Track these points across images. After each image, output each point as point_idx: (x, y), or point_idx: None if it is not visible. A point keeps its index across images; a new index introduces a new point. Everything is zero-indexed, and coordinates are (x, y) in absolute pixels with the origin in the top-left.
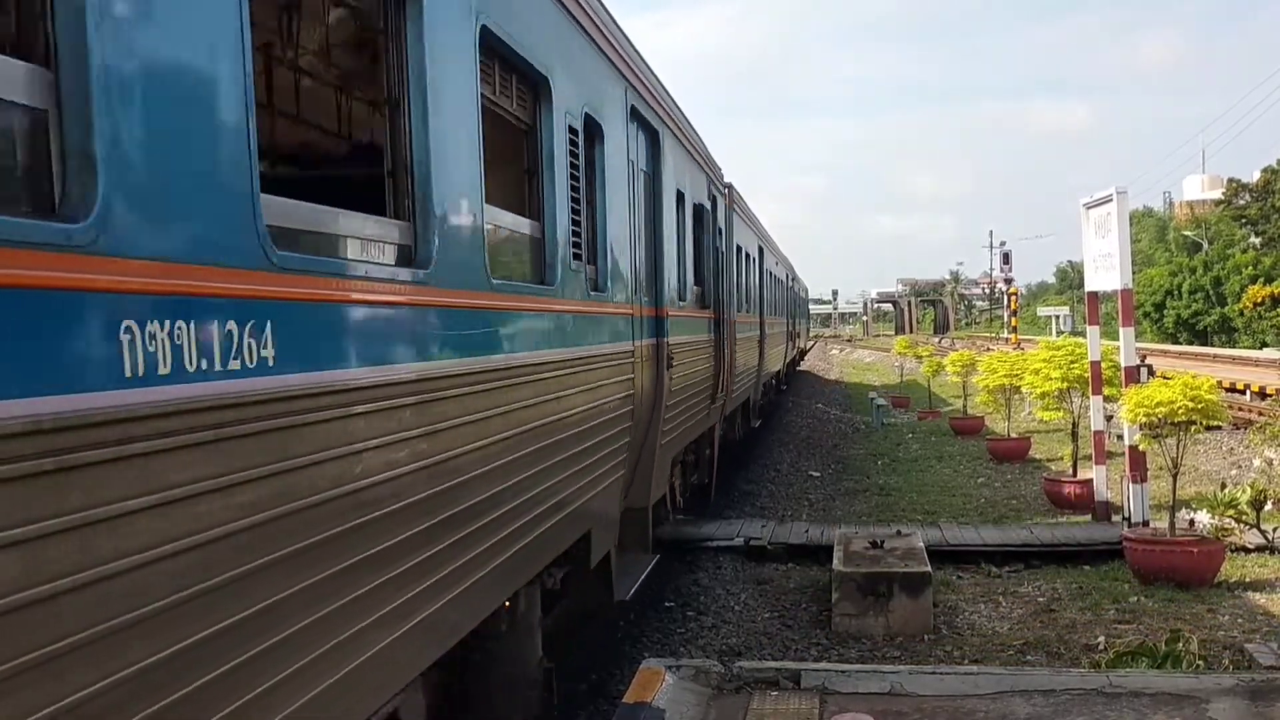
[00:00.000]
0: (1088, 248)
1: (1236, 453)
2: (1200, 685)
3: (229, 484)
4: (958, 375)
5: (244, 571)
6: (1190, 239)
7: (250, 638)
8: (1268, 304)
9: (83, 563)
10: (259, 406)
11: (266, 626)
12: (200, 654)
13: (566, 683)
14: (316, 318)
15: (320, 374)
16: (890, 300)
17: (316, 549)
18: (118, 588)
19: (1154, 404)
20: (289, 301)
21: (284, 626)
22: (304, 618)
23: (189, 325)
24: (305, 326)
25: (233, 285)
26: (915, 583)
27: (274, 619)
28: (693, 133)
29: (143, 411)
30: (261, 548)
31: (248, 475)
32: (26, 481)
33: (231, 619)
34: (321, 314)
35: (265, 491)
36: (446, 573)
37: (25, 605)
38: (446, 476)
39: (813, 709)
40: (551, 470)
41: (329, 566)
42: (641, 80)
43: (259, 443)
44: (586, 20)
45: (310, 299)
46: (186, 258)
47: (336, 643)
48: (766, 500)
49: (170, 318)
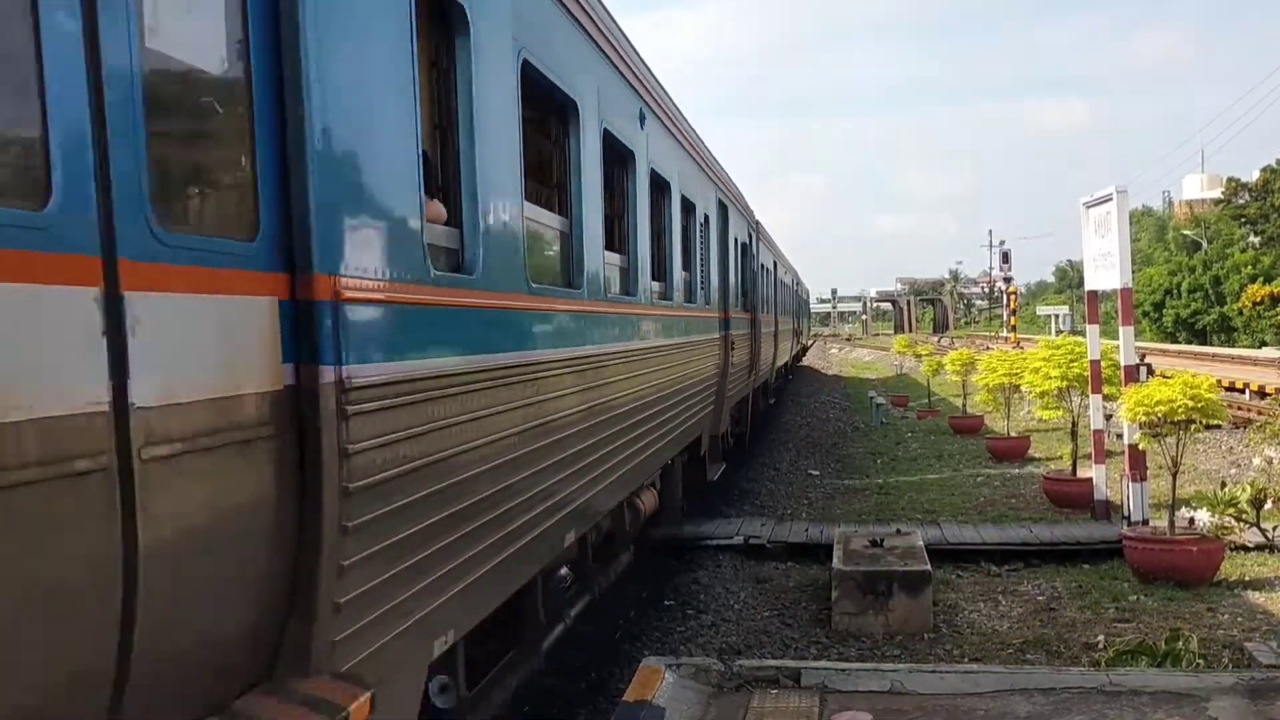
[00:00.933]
0: (1087, 247)
1: (1236, 452)
2: (1200, 684)
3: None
4: (957, 374)
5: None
6: (1189, 238)
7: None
8: (1267, 303)
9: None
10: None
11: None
12: (593, 456)
13: (566, 682)
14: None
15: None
16: (889, 299)
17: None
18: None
19: (1153, 403)
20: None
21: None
22: (603, 458)
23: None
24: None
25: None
26: (915, 581)
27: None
28: (740, 196)
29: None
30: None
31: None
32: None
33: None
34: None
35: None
36: (663, 444)
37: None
38: (664, 400)
39: (813, 707)
40: (690, 399)
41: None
42: (725, 185)
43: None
44: (695, 153)
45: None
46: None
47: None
48: (766, 499)
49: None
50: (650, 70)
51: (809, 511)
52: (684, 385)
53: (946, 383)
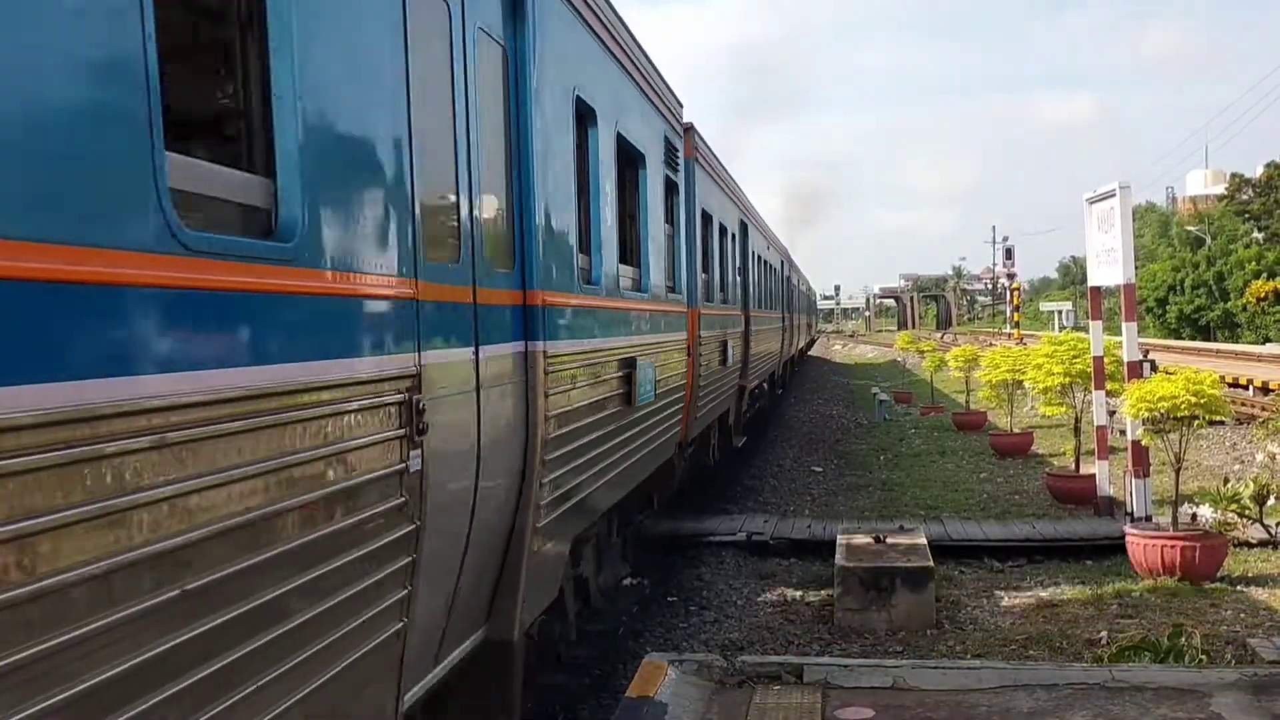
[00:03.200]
0: (1091, 243)
1: (1239, 448)
2: (1203, 680)
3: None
4: (960, 371)
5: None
6: (1193, 234)
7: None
8: (1271, 299)
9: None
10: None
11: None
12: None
13: (568, 678)
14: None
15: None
16: (893, 295)
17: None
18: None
19: (1157, 399)
20: None
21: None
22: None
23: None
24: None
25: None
26: (918, 578)
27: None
28: (763, 221)
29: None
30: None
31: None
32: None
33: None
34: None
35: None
36: (711, 405)
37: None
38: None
39: (815, 703)
40: (727, 375)
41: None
42: (751, 213)
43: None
44: (728, 188)
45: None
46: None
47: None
48: (769, 495)
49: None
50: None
51: (812, 508)
52: (723, 363)
53: (949, 379)
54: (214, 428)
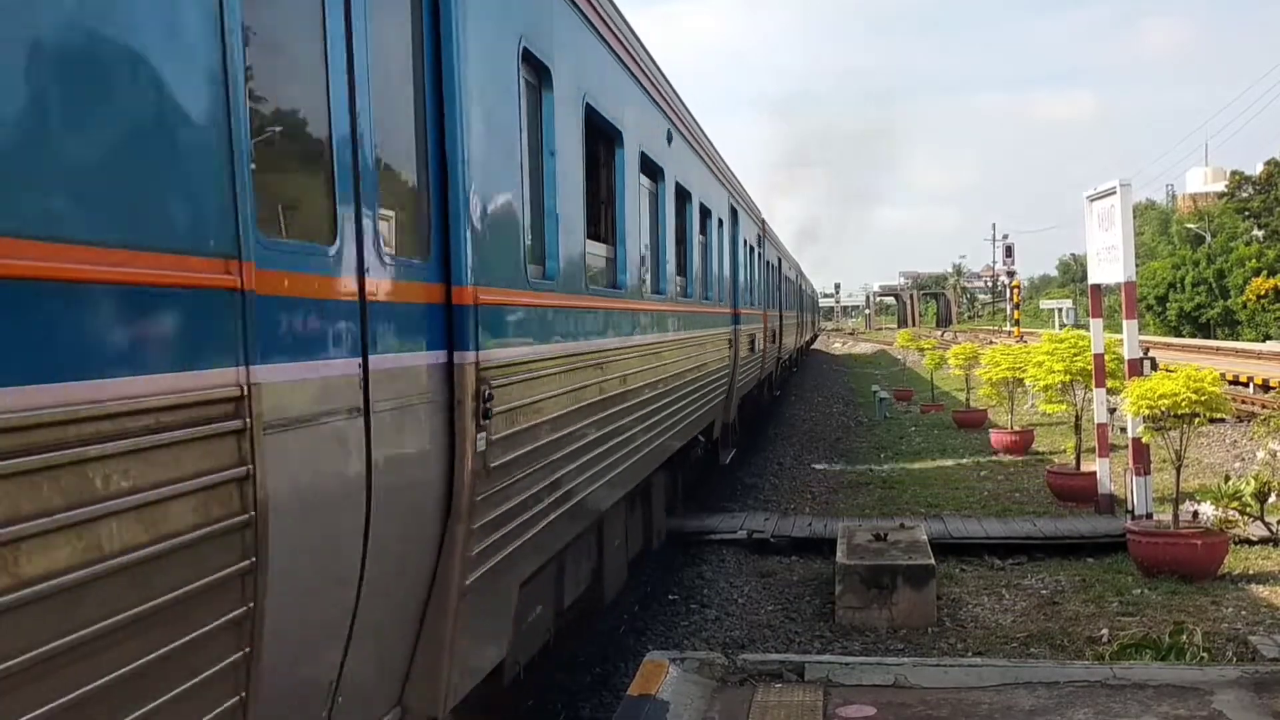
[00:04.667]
0: (1091, 240)
1: (1240, 445)
2: (1204, 677)
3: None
4: (960, 368)
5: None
6: (1193, 232)
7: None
8: (1271, 296)
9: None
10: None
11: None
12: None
13: (570, 675)
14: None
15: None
16: (893, 293)
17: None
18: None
19: (1157, 396)
20: None
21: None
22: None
23: None
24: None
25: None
26: (919, 575)
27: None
28: (775, 236)
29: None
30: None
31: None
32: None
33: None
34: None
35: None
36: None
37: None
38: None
39: (816, 701)
40: (756, 357)
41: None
42: (765, 227)
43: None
44: (741, 209)
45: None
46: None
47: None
48: (770, 493)
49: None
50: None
51: (812, 506)
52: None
53: (949, 377)
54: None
